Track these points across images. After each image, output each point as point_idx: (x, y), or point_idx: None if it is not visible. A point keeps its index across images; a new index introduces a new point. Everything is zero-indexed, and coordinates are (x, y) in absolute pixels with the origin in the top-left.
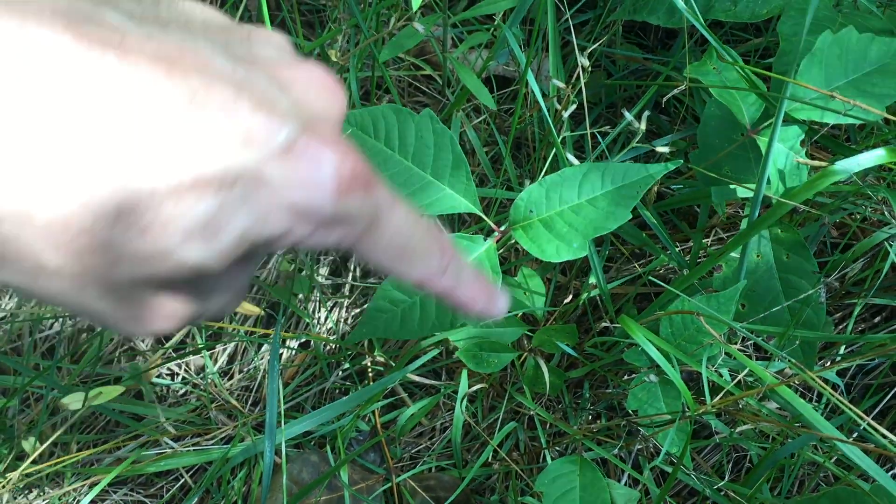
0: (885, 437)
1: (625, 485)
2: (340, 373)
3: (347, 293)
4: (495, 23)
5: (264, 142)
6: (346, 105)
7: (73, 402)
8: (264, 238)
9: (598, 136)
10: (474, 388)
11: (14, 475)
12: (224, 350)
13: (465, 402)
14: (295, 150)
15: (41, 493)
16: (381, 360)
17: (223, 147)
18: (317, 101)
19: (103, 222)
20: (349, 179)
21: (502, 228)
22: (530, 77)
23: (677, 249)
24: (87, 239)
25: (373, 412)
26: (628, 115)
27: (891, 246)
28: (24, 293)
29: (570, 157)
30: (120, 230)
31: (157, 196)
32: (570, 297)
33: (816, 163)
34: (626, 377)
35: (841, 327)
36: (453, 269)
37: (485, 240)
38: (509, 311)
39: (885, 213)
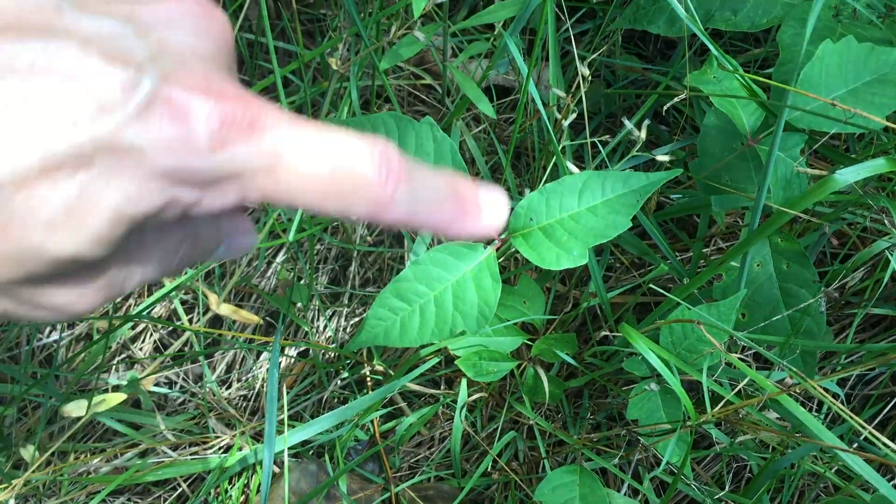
0: (886, 446)
1: (625, 495)
2: (339, 382)
3: (346, 302)
4: (495, 32)
5: (119, 103)
6: (228, 33)
7: (76, 409)
8: (143, 213)
9: (599, 145)
10: (473, 397)
11: (17, 482)
12: (223, 358)
13: (464, 411)
14: (154, 105)
15: (39, 502)
16: (381, 368)
17: (72, 118)
18: (185, 38)
19: None
20: (225, 128)
21: (502, 237)
22: (531, 85)
23: (677, 259)
24: None
25: (372, 421)
26: (628, 124)
27: (891, 255)
28: None
29: (571, 166)
30: None
31: (4, 191)
32: (570, 306)
33: (816, 172)
34: (625, 387)
35: (841, 337)
36: (405, 190)
37: (484, 248)
38: (508, 319)
39: (886, 222)
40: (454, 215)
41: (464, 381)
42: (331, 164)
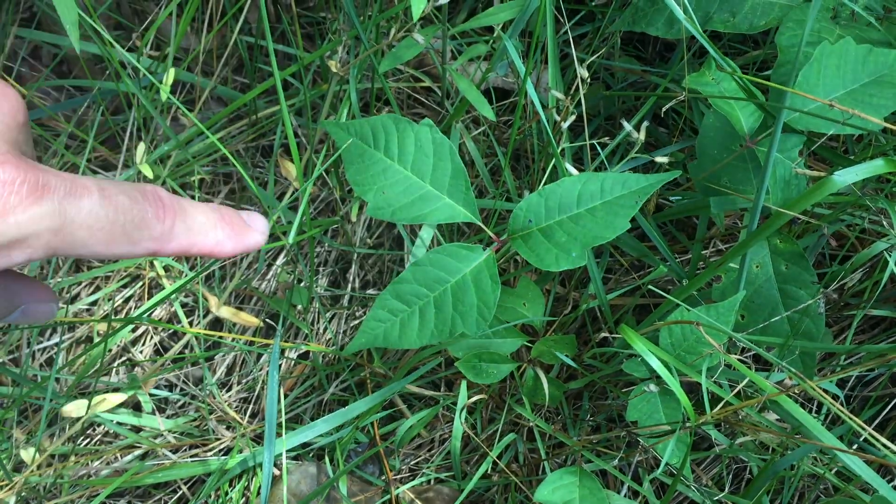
0: (886, 447)
1: (625, 497)
2: (340, 384)
3: (346, 304)
4: (495, 34)
5: None
6: (19, 110)
7: (76, 410)
8: None
9: (598, 147)
10: (473, 399)
11: (17, 482)
12: (223, 361)
13: (464, 413)
14: None
15: (39, 503)
16: (381, 371)
17: None
18: None
19: None
20: (8, 197)
21: (501, 238)
22: (530, 87)
23: (676, 260)
24: None
25: (372, 424)
26: (627, 126)
27: (889, 256)
28: None
29: (570, 168)
30: None
31: None
32: (570, 308)
33: (815, 173)
34: (625, 389)
35: (840, 338)
36: (182, 226)
37: (484, 250)
38: (508, 321)
39: (884, 223)
40: (228, 235)
41: (464, 383)
42: (113, 211)
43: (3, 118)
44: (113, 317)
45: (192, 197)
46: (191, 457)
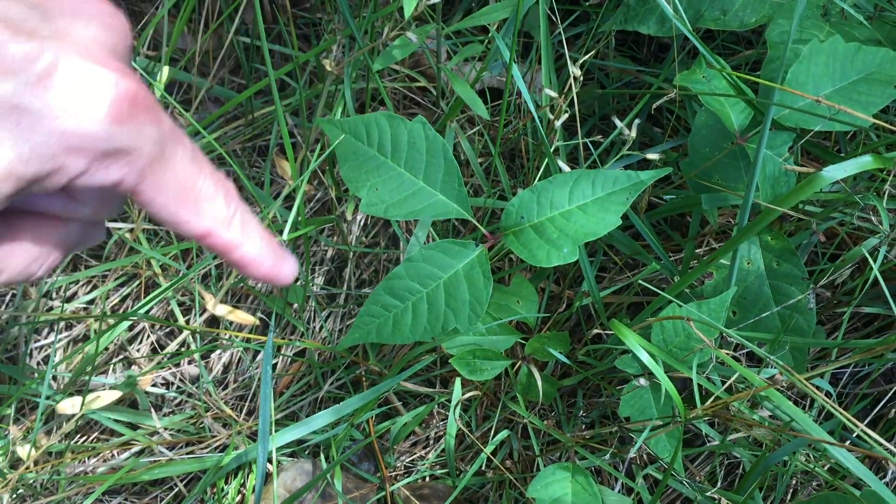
0: (875, 441)
1: (618, 493)
2: (335, 382)
3: (342, 303)
4: (489, 34)
5: (22, 69)
6: (127, 30)
7: (71, 406)
8: (31, 174)
9: (591, 146)
10: (467, 395)
11: (14, 476)
12: (219, 359)
13: (458, 410)
14: (55, 73)
15: (35, 500)
16: (376, 368)
17: None
18: (88, 27)
19: None
20: (126, 104)
21: (494, 235)
22: (521, 84)
23: (669, 258)
24: None
25: (367, 421)
26: (619, 123)
27: (876, 253)
28: None
29: (563, 166)
30: None
31: None
32: (564, 306)
33: (804, 169)
34: (619, 386)
35: (833, 336)
36: (239, 221)
37: (476, 246)
38: (502, 318)
39: (874, 220)
40: (269, 256)
41: (458, 380)
42: (196, 173)
43: (116, 34)
44: (109, 313)
45: None
46: (187, 454)
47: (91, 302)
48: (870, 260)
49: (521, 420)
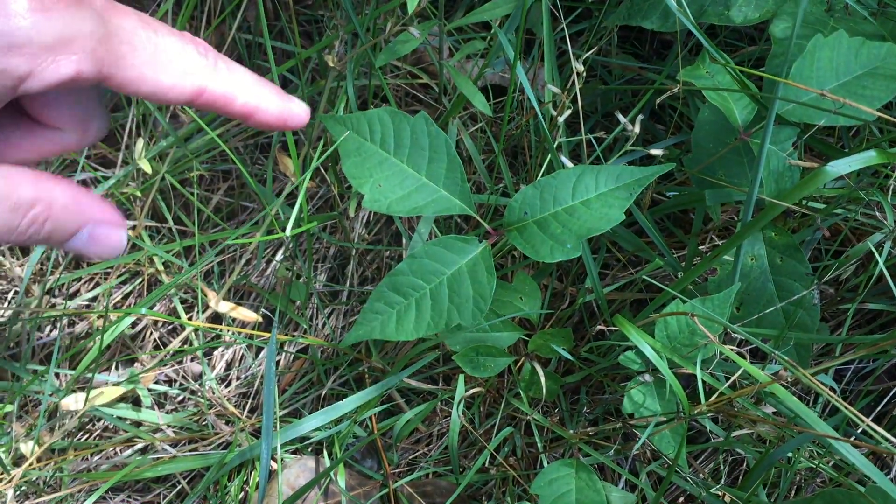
0: (881, 436)
1: (622, 489)
2: (338, 379)
3: (345, 300)
4: (492, 31)
5: None
6: None
7: (74, 403)
8: None
9: (594, 143)
10: (471, 392)
11: (17, 473)
12: (222, 356)
13: (461, 407)
14: None
15: (39, 497)
16: (379, 366)
17: None
18: None
19: None
20: None
21: (497, 231)
22: (524, 80)
23: (673, 255)
24: None
25: (370, 418)
26: (622, 119)
27: (881, 249)
28: None
29: (566, 161)
30: None
31: None
32: (567, 303)
33: (808, 164)
34: (622, 383)
35: (837, 333)
36: (225, 69)
37: (479, 242)
38: (505, 315)
39: (878, 216)
40: (273, 93)
41: (461, 377)
42: (154, 34)
43: None
44: (112, 310)
45: (191, 195)
46: (190, 451)
47: (93, 299)
48: (876, 255)
49: (525, 417)
